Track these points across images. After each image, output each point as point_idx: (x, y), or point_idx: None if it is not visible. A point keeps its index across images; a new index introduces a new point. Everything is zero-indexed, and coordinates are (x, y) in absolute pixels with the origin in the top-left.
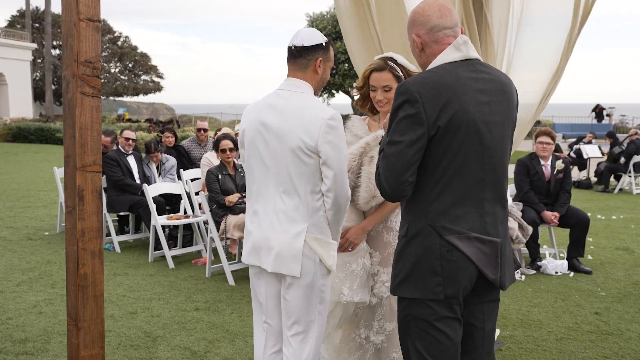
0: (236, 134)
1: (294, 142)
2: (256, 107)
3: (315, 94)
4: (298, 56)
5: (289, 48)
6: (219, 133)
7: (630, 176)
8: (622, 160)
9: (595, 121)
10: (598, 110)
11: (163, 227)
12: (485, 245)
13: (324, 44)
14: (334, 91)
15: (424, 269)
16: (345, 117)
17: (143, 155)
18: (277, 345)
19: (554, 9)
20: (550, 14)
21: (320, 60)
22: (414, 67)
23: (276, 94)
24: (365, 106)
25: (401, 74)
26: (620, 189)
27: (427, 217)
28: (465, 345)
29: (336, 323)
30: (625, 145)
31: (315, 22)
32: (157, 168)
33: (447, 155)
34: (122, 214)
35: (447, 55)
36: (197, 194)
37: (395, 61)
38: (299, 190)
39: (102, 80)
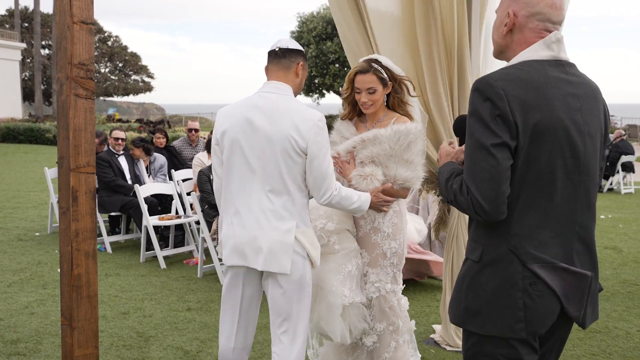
0: None
1: (285, 141)
2: (238, 109)
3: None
4: (282, 57)
5: (273, 51)
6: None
7: (618, 174)
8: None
9: None
10: None
11: (155, 227)
12: (572, 277)
13: (303, 52)
14: (324, 91)
15: (502, 302)
16: (335, 117)
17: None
18: (247, 338)
19: None
20: None
21: (301, 65)
22: (398, 70)
23: (260, 96)
24: (352, 117)
25: (385, 75)
26: (609, 189)
27: (507, 241)
28: None
29: (366, 325)
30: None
31: (306, 22)
32: (147, 168)
33: (531, 168)
34: (113, 214)
35: (535, 52)
36: (188, 194)
37: (379, 63)
38: (289, 188)
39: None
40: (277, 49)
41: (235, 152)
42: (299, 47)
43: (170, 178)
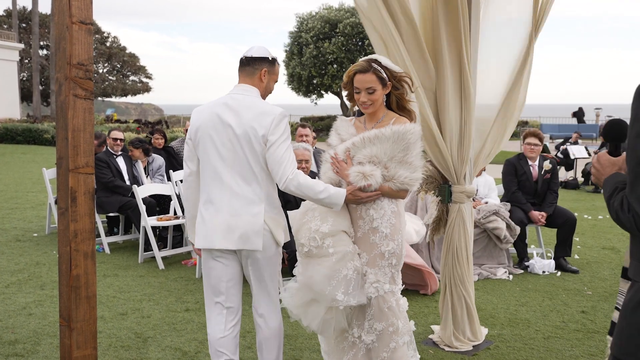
0: None
1: (250, 134)
2: (210, 108)
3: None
4: (247, 64)
5: (241, 59)
6: None
7: None
8: None
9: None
10: (578, 111)
11: (153, 228)
12: None
13: (270, 59)
14: (322, 92)
15: None
16: (333, 118)
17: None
18: (235, 319)
19: (516, 11)
20: (513, 16)
21: (265, 71)
22: (398, 69)
23: (230, 97)
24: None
25: (385, 75)
26: None
27: None
28: None
29: (337, 327)
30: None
31: (305, 22)
32: (145, 169)
33: None
34: (111, 215)
35: None
36: None
37: (379, 63)
38: (256, 176)
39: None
40: (243, 58)
41: (208, 145)
42: (265, 55)
43: (169, 178)
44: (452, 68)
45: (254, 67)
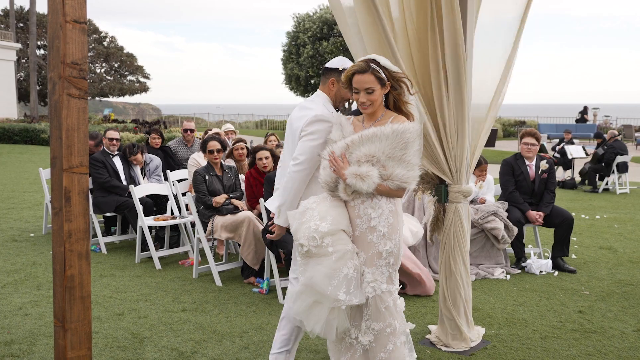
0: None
1: (297, 130)
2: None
3: (335, 106)
4: (322, 74)
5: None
6: (209, 133)
7: (614, 174)
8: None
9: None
10: (583, 110)
11: (150, 228)
12: None
13: (340, 69)
14: None
15: None
16: None
17: None
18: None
19: (504, 12)
20: (500, 17)
21: (334, 80)
22: (396, 68)
23: (304, 100)
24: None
25: (384, 75)
26: (605, 189)
27: None
28: None
29: (340, 328)
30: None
31: (302, 22)
32: (142, 169)
33: None
34: (108, 215)
35: None
36: (184, 194)
37: (377, 63)
38: None
39: (88, 81)
40: (322, 67)
41: (286, 137)
42: (335, 66)
43: (166, 178)
44: (448, 65)
45: (325, 77)
